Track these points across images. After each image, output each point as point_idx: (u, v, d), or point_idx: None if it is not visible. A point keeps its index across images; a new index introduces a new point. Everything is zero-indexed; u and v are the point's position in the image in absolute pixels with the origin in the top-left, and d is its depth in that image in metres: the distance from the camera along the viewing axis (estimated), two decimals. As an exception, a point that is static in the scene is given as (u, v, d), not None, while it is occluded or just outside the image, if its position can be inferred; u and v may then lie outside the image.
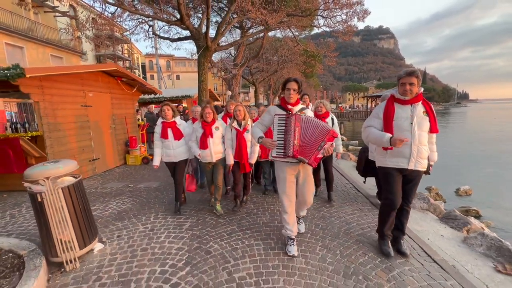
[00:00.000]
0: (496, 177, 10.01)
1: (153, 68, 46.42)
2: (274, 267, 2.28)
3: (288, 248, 2.48)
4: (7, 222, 3.44)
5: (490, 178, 9.88)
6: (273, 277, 2.15)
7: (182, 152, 3.49)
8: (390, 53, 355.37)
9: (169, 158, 3.47)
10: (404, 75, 2.20)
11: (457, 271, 2.26)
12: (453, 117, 51.43)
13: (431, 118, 2.21)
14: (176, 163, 3.49)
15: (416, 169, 2.23)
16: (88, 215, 2.48)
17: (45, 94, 4.49)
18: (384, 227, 2.46)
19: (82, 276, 2.23)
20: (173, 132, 3.40)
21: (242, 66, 16.30)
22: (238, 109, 3.33)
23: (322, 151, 2.19)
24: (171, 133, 3.39)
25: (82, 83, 5.38)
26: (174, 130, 3.41)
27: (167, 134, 3.37)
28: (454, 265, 2.39)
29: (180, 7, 8.22)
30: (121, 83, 6.67)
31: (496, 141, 18.23)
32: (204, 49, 9.39)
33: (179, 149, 3.45)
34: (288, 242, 2.51)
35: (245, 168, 3.39)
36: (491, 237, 2.84)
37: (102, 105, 6.01)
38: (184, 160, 3.55)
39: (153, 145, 4.67)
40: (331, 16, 9.31)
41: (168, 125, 3.40)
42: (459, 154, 14.42)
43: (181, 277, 2.17)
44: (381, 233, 2.51)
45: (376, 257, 2.42)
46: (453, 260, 2.51)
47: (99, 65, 6.29)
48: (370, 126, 2.36)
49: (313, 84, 42.18)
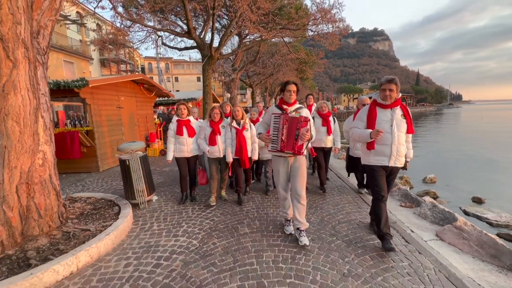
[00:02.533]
0: (460, 166, 11.68)
1: (152, 71, 47.60)
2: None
3: (286, 228, 2.82)
4: (80, 190, 4.84)
5: (455, 167, 11.52)
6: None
7: (194, 148, 3.78)
8: (385, 54, 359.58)
9: (182, 154, 3.74)
10: (385, 82, 2.41)
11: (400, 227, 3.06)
12: (442, 117, 53.38)
13: (408, 120, 2.44)
14: (188, 158, 3.80)
15: (396, 165, 2.47)
16: (151, 177, 3.92)
17: (94, 99, 5.89)
18: (380, 225, 2.52)
19: (151, 211, 3.66)
20: (188, 129, 3.68)
21: (240, 70, 17.73)
22: (236, 110, 3.58)
23: (300, 137, 2.39)
24: (185, 130, 3.67)
25: (117, 90, 6.80)
26: (189, 128, 3.69)
27: (182, 131, 3.65)
28: (396, 221, 3.20)
29: (188, 22, 9.70)
30: (142, 88, 8.08)
31: (471, 136, 20.02)
32: (208, 57, 10.84)
33: (192, 145, 3.74)
34: (285, 223, 2.87)
35: (245, 164, 3.64)
36: (438, 208, 3.45)
37: (129, 106, 7.43)
38: (195, 155, 3.86)
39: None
40: (319, 30, 10.85)
41: (184, 123, 3.68)
42: (438, 148, 16.10)
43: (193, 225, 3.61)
44: (380, 234, 2.54)
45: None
46: (395, 217, 3.34)
47: (131, 75, 7.66)
48: (355, 127, 2.62)
49: (308, 86, 43.04)
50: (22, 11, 2.24)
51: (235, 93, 19.60)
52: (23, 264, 2.19)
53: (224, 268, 2.28)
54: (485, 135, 21.87)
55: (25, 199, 2.48)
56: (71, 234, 2.66)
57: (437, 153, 14.94)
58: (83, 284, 2.11)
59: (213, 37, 10.43)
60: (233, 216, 3.40)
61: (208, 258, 2.44)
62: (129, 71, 36.33)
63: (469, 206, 6.89)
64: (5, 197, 2.34)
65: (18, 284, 1.92)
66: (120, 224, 2.89)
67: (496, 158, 12.92)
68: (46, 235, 2.59)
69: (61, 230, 2.73)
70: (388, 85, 2.36)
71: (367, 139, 2.43)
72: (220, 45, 11.14)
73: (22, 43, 2.27)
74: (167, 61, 51.14)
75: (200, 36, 10.87)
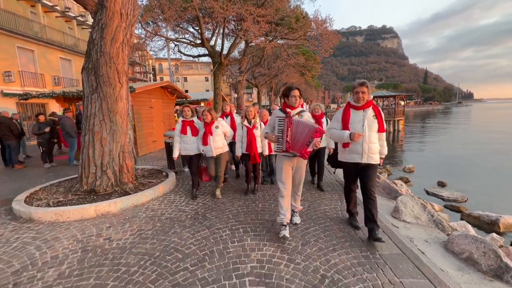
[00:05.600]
0: (438, 157, 13.27)
1: (162, 71, 49.98)
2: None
3: (281, 232, 2.70)
4: (130, 166, 6.76)
5: (434, 158, 13.13)
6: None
7: (197, 147, 4.01)
8: (393, 52, 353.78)
9: (186, 152, 4.00)
10: (357, 85, 2.61)
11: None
12: (447, 116, 53.67)
13: (379, 120, 2.61)
14: (191, 156, 4.03)
15: (369, 162, 2.63)
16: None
17: (135, 101, 7.81)
18: (349, 206, 3.02)
19: (183, 177, 5.50)
20: (191, 129, 3.92)
21: (246, 73, 19.51)
22: (249, 110, 3.90)
23: (311, 145, 2.52)
24: (189, 130, 3.91)
25: (149, 93, 8.72)
26: (192, 128, 3.93)
27: (186, 131, 3.91)
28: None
29: (202, 35, 11.60)
30: (167, 92, 10.00)
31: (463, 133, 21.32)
32: (219, 64, 12.69)
33: (195, 144, 3.97)
34: (281, 228, 2.73)
35: (255, 159, 3.90)
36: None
37: (158, 107, 9.35)
38: (198, 154, 4.07)
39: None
40: (314, 39, 12.59)
41: (188, 123, 3.95)
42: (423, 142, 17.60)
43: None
44: (349, 212, 3.05)
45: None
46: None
47: (160, 82, 9.52)
48: (332, 128, 2.80)
49: (313, 85, 43.52)
50: (126, 57, 4.12)
51: (242, 93, 21.41)
52: (124, 193, 4.08)
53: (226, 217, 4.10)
54: (480, 134, 23.12)
55: (122, 161, 4.37)
56: (143, 183, 4.55)
57: (428, 150, 16.46)
58: (156, 205, 3.98)
59: (223, 47, 12.32)
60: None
61: (218, 210, 4.26)
62: (143, 73, 38.75)
63: (432, 188, 8.55)
64: (113, 159, 4.24)
65: (128, 198, 3.85)
66: (170, 179, 4.77)
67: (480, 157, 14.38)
68: (131, 183, 4.47)
69: (137, 181, 4.61)
70: (360, 88, 2.58)
71: (346, 140, 2.61)
72: (228, 53, 12.98)
73: (125, 73, 4.16)
74: (177, 62, 53.43)
75: (210, 43, 12.68)
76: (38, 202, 3.81)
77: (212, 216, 3.41)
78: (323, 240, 2.73)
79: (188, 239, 2.84)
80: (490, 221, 5.48)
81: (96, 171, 4.14)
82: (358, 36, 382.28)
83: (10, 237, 3.03)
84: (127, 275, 2.25)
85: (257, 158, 3.91)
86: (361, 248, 2.54)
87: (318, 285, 2.04)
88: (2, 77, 13.26)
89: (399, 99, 26.75)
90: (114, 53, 3.90)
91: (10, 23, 13.65)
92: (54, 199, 3.89)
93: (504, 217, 5.46)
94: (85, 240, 2.90)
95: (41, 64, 15.71)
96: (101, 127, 4.12)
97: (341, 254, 2.46)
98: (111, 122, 4.17)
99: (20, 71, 14.21)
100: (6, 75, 13.30)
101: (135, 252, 2.62)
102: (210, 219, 3.32)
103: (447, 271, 2.23)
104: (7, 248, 2.80)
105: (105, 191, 4.10)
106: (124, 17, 3.84)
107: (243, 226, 3.11)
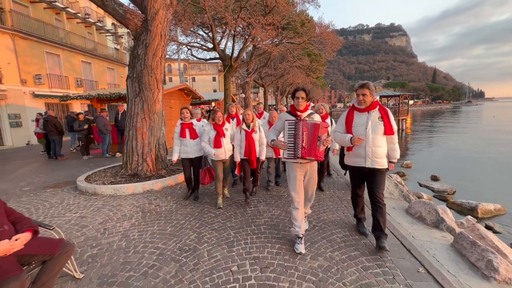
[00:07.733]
0: (436, 154, 13.97)
1: (171, 71, 51.47)
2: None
3: (296, 246, 2.54)
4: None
5: (433, 155, 13.84)
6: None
7: (197, 150, 3.97)
8: (402, 51, 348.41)
9: (186, 155, 3.98)
10: (358, 88, 2.54)
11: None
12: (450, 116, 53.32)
13: (385, 122, 2.47)
14: (192, 159, 4.02)
15: (374, 167, 2.50)
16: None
17: (158, 102, 8.89)
18: (356, 211, 2.91)
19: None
20: (190, 132, 3.90)
21: (253, 73, 20.47)
22: (247, 113, 3.73)
23: (321, 143, 2.41)
24: (188, 132, 3.88)
25: (170, 95, 9.81)
26: (191, 131, 3.90)
27: (185, 134, 3.88)
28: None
29: (214, 41, 12.63)
30: (183, 93, 11.08)
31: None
32: (229, 67, 13.71)
33: (195, 147, 3.95)
34: (296, 240, 2.58)
35: (253, 164, 3.79)
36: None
37: (176, 107, 10.44)
38: (199, 157, 4.06)
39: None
40: (318, 43, 13.48)
41: (186, 125, 3.91)
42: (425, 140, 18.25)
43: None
44: (356, 217, 2.96)
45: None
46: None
47: (179, 85, 10.55)
48: (337, 131, 2.74)
49: (319, 84, 43.74)
50: (162, 67, 5.17)
51: (249, 93, 22.38)
52: (160, 176, 5.13)
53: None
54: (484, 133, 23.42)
55: (157, 151, 5.43)
56: (173, 169, 5.60)
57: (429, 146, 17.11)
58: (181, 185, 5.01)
59: (233, 51, 13.32)
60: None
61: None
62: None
63: (425, 181, 9.37)
64: (151, 149, 5.31)
65: (166, 179, 4.92)
66: (195, 167, 5.80)
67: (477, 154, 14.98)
68: (163, 170, 5.52)
69: (168, 168, 5.67)
70: (361, 90, 2.49)
71: (348, 144, 2.54)
72: (238, 57, 13.99)
73: (161, 80, 5.22)
74: (185, 62, 54.89)
75: (221, 47, 13.67)
76: (96, 182, 4.91)
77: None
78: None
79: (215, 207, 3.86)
80: (470, 207, 6.29)
81: (138, 159, 5.21)
82: (366, 34, 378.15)
83: (86, 204, 4.13)
84: (179, 225, 3.28)
85: (255, 163, 3.77)
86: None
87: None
88: (33, 80, 14.64)
89: (403, 98, 27.26)
90: (155, 66, 4.96)
91: (39, 30, 15.01)
92: (107, 180, 4.98)
93: (482, 204, 6.28)
94: (141, 206, 3.96)
95: (66, 67, 17.08)
96: (142, 124, 5.19)
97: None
98: (150, 120, 5.24)
99: (48, 74, 15.58)
100: (36, 78, 14.66)
101: (180, 213, 3.66)
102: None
103: (402, 224, 3.17)
104: (87, 210, 3.88)
105: (145, 175, 5.17)
106: (163, 38, 4.89)
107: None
